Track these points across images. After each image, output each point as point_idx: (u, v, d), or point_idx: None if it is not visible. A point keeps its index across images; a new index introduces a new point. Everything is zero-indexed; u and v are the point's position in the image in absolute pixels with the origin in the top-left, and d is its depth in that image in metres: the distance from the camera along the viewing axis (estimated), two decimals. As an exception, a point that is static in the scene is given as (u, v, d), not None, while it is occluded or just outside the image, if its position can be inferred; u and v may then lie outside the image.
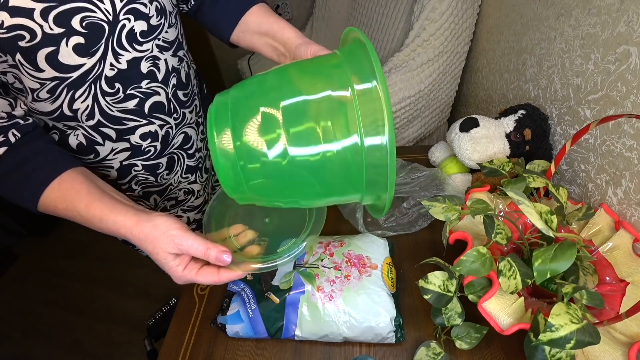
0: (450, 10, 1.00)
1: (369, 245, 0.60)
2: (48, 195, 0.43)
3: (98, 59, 0.44)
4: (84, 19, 0.41)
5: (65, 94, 0.45)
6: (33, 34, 0.38)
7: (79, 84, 0.45)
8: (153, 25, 0.48)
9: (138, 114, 0.52)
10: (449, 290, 0.48)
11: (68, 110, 0.47)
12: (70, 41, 0.41)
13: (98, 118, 0.49)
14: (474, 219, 0.58)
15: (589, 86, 0.61)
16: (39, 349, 1.42)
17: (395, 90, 0.98)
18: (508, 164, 0.60)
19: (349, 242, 0.60)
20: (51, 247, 1.81)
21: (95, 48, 0.43)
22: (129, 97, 0.50)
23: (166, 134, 0.57)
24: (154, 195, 0.64)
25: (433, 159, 0.83)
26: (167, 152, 0.59)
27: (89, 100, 0.47)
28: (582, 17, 0.62)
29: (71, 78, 0.44)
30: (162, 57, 0.51)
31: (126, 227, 0.42)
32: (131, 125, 0.52)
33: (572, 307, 0.39)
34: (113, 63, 0.46)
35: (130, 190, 0.60)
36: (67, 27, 0.40)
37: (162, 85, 0.53)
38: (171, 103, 0.56)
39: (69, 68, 0.43)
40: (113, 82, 0.47)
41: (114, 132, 0.52)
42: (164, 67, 0.52)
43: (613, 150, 0.57)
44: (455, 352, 0.52)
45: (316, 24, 1.54)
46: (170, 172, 0.63)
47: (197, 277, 0.42)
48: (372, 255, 0.58)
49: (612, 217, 0.56)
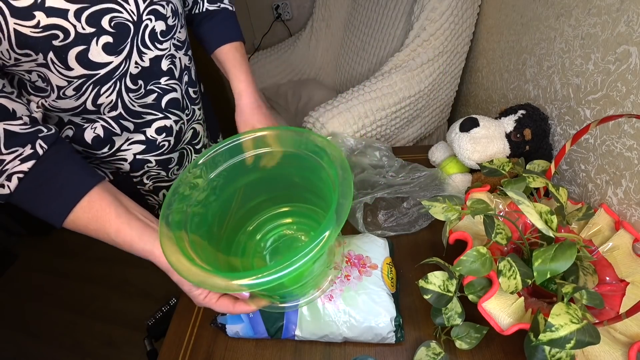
0: (450, 10, 1.00)
1: (369, 245, 0.60)
2: (79, 215, 0.43)
3: (124, 57, 0.47)
4: (113, 19, 0.43)
5: (91, 91, 0.47)
6: (67, 34, 0.40)
7: (105, 80, 0.47)
8: (170, 25, 0.52)
9: (156, 108, 0.55)
10: (449, 290, 0.48)
11: (91, 105, 0.49)
12: (100, 40, 0.43)
13: (120, 111, 0.51)
14: (474, 219, 0.58)
15: (589, 86, 0.61)
16: (39, 349, 1.41)
17: (395, 90, 0.98)
18: (508, 164, 0.60)
19: (349, 242, 0.60)
20: (51, 247, 1.81)
21: (122, 47, 0.46)
22: (148, 92, 0.53)
23: (179, 129, 0.60)
24: (163, 190, 0.66)
25: (433, 159, 0.83)
26: (179, 147, 0.62)
27: (113, 95, 0.49)
28: (582, 17, 0.62)
29: (98, 75, 0.46)
30: (177, 55, 0.55)
31: (154, 256, 0.44)
32: (149, 118, 0.55)
33: (572, 307, 0.39)
34: (137, 61, 0.49)
35: (141, 184, 0.62)
36: (97, 26, 0.42)
37: (178, 82, 0.57)
38: (184, 99, 0.59)
39: (97, 66, 0.45)
40: (137, 79, 0.50)
41: (132, 124, 0.54)
42: (179, 65, 0.56)
43: (613, 150, 0.57)
44: (455, 352, 0.52)
45: (316, 24, 1.54)
46: (180, 167, 0.66)
47: (215, 305, 0.46)
48: (372, 255, 0.58)
49: (612, 217, 0.56)
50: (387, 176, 0.75)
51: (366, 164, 0.78)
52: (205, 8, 0.64)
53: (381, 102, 0.95)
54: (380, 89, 0.97)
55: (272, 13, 1.72)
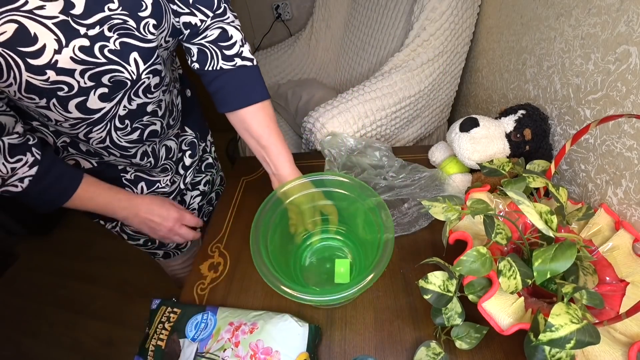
0: (450, 10, 1.00)
1: (283, 335, 0.51)
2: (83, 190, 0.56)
3: (115, 103, 0.52)
4: (112, 77, 0.49)
5: (84, 128, 0.53)
6: (71, 87, 0.46)
7: (98, 122, 0.53)
8: (163, 76, 0.56)
9: (139, 142, 0.61)
10: (449, 290, 0.48)
11: (83, 137, 0.54)
12: (97, 91, 0.49)
13: (107, 144, 0.57)
14: (474, 219, 0.58)
15: (589, 86, 0.61)
16: (39, 349, 1.41)
17: (395, 90, 0.98)
18: (508, 164, 0.60)
19: (262, 328, 0.51)
20: (52, 247, 1.81)
21: (115, 95, 0.51)
22: (134, 129, 0.58)
23: (152, 150, 0.66)
24: (142, 182, 0.71)
25: (433, 159, 0.83)
26: (159, 164, 0.70)
27: (103, 133, 0.55)
28: (582, 17, 0.62)
29: (92, 118, 0.51)
30: (164, 98, 0.60)
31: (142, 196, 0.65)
32: (133, 151, 0.62)
33: (572, 307, 0.39)
34: (126, 105, 0.54)
35: (124, 172, 0.68)
36: (97, 81, 0.48)
37: (160, 119, 0.62)
38: (163, 129, 0.65)
39: (93, 112, 0.51)
40: (124, 120, 0.55)
41: (118, 153, 0.60)
42: (164, 105, 0.61)
43: (613, 150, 0.57)
44: (455, 352, 0.52)
45: (316, 24, 1.54)
46: (163, 173, 0.74)
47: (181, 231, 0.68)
48: (282, 350, 0.49)
49: (612, 217, 0.56)
50: (387, 177, 0.75)
51: (366, 164, 0.78)
52: (220, 66, 0.58)
53: (381, 102, 0.95)
54: (380, 89, 0.97)
55: (272, 13, 1.72)
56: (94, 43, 0.44)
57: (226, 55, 0.58)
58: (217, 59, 0.58)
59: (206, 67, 0.59)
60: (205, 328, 0.53)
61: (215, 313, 0.55)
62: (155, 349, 0.53)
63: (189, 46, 0.59)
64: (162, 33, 0.52)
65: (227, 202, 0.82)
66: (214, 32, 0.57)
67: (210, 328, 0.53)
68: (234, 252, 0.70)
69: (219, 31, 0.58)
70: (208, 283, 0.65)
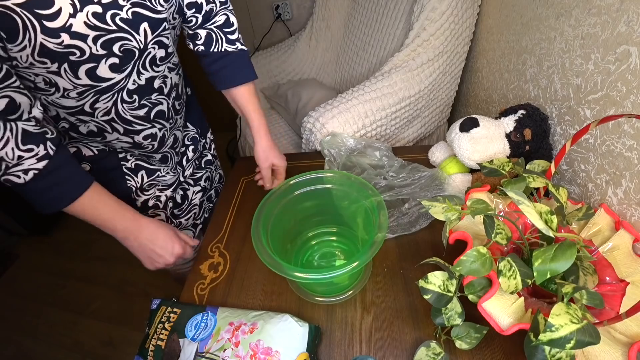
0: (450, 10, 1.00)
1: (283, 335, 0.51)
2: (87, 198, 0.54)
3: (125, 76, 0.54)
4: (123, 45, 0.51)
5: (92, 97, 0.54)
6: (83, 52, 0.47)
7: (106, 91, 0.54)
8: (169, 52, 0.59)
9: (145, 119, 0.62)
10: (449, 290, 0.48)
11: (88, 108, 0.55)
12: (109, 61, 0.51)
13: (112, 116, 0.58)
14: (474, 219, 0.58)
15: (589, 86, 0.61)
16: (39, 349, 1.41)
17: (395, 90, 0.98)
18: (508, 164, 0.60)
19: (262, 328, 0.52)
20: (52, 247, 1.81)
21: (125, 67, 0.53)
22: (141, 106, 0.60)
23: (163, 136, 0.68)
24: (142, 171, 0.72)
25: (433, 159, 0.83)
26: (162, 150, 0.71)
27: (109, 103, 0.56)
28: (582, 17, 0.62)
29: (101, 87, 0.53)
30: (169, 75, 0.62)
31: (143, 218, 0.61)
32: (138, 128, 0.62)
33: (572, 307, 0.39)
34: (135, 79, 0.56)
35: (125, 160, 0.69)
36: (109, 50, 0.50)
37: (166, 97, 0.64)
38: (170, 111, 0.67)
39: (102, 80, 0.52)
40: (132, 94, 0.57)
41: (122, 128, 0.61)
42: (170, 84, 0.64)
43: (613, 150, 0.57)
44: (455, 352, 0.52)
45: (316, 24, 1.54)
46: (163, 164, 0.74)
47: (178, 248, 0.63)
48: (282, 350, 0.49)
49: (612, 217, 0.56)
50: (388, 176, 0.75)
51: (366, 164, 0.78)
52: (224, 48, 0.68)
53: (381, 102, 0.95)
54: (380, 89, 0.97)
55: (272, 13, 1.72)
56: (106, 10, 0.47)
57: (230, 40, 0.68)
58: (221, 42, 0.68)
59: (211, 49, 0.67)
60: (205, 328, 0.53)
61: (215, 313, 0.55)
62: (155, 349, 0.53)
63: (198, 31, 0.66)
64: (171, 8, 0.56)
65: (227, 202, 0.82)
66: (221, 18, 0.67)
67: (210, 328, 0.53)
68: (234, 252, 0.70)
69: (224, 17, 0.67)
70: (208, 283, 0.65)
